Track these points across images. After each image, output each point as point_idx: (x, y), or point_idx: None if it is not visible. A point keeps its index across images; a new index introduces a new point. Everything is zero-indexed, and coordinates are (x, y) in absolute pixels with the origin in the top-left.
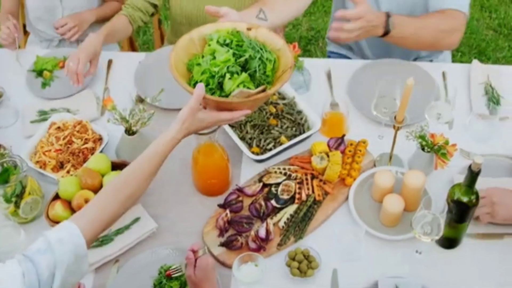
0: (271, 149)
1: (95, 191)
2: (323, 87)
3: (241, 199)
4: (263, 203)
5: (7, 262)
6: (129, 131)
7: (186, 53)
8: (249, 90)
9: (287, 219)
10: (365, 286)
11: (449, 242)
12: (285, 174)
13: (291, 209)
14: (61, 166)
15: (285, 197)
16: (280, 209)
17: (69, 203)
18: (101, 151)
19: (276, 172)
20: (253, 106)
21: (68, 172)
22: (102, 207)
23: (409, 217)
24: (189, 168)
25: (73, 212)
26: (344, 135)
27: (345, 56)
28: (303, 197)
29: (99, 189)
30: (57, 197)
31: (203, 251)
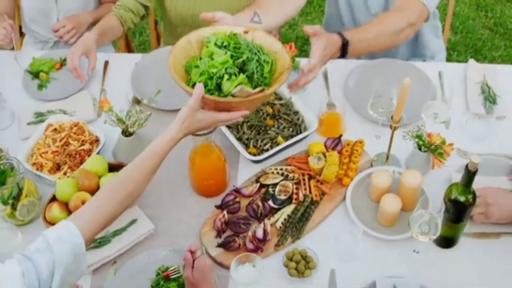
0: (268, 150)
1: (92, 192)
2: (320, 87)
3: (238, 200)
4: (260, 203)
5: (6, 262)
6: (126, 133)
7: (184, 55)
8: (249, 89)
9: (285, 220)
10: (363, 286)
11: (446, 241)
12: (282, 174)
13: (288, 209)
14: (58, 168)
15: (283, 197)
16: (277, 210)
17: (66, 205)
18: (98, 153)
19: (273, 172)
20: (251, 106)
21: (65, 174)
22: (100, 207)
23: (407, 216)
24: (186, 169)
25: (70, 214)
26: (341, 135)
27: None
28: (301, 198)
29: (96, 191)
30: (54, 199)
31: (201, 251)
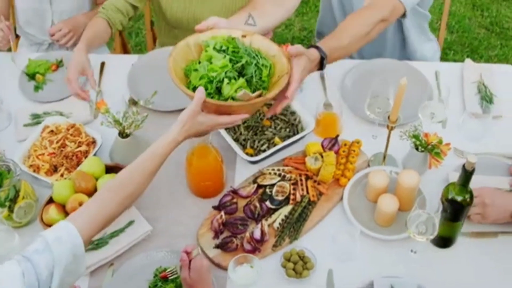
0: (265, 150)
1: (89, 194)
2: (317, 88)
3: (235, 200)
4: (257, 204)
5: (5, 263)
6: (123, 134)
7: (183, 59)
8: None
9: (282, 220)
10: (361, 286)
11: (444, 241)
12: (279, 175)
13: (285, 210)
14: (54, 169)
15: (280, 198)
16: (274, 210)
17: (63, 207)
18: (95, 154)
19: (270, 173)
20: (251, 110)
21: (62, 175)
22: (100, 207)
23: (404, 216)
24: (183, 170)
25: (67, 215)
26: (338, 136)
27: None
28: (298, 198)
29: (93, 193)
30: (51, 201)
31: (197, 251)
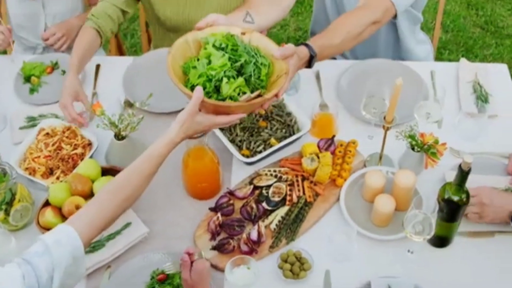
0: (261, 152)
1: (85, 197)
2: (312, 88)
3: (232, 202)
4: (254, 205)
5: (6, 265)
6: (119, 136)
7: (181, 56)
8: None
9: (279, 221)
10: (358, 286)
11: (440, 241)
12: (275, 176)
13: (282, 211)
14: (50, 172)
15: (276, 199)
16: (271, 211)
17: (60, 210)
18: (91, 157)
19: (266, 174)
20: (249, 110)
21: (58, 178)
22: (98, 210)
23: (401, 216)
24: (179, 172)
25: (64, 218)
26: (334, 136)
27: None
28: (294, 199)
29: (90, 195)
30: (47, 203)
31: (199, 254)
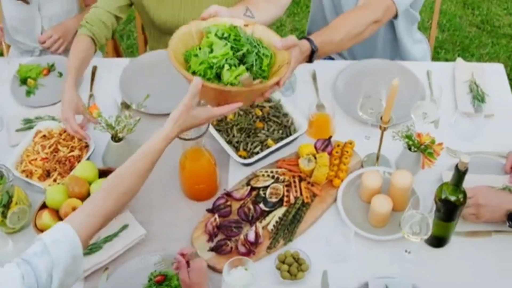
0: (258, 153)
1: (82, 199)
2: (309, 89)
3: (229, 203)
4: (251, 206)
5: (5, 265)
6: (116, 138)
7: (183, 44)
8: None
9: (276, 222)
10: (356, 286)
11: (437, 241)
12: (273, 177)
13: (279, 212)
14: (47, 174)
15: (274, 200)
16: (268, 212)
17: (57, 212)
18: (88, 159)
19: (263, 175)
20: (249, 97)
21: (55, 180)
22: (96, 206)
23: (398, 217)
24: (176, 173)
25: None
26: (330, 137)
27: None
28: (292, 200)
29: (87, 197)
30: (44, 206)
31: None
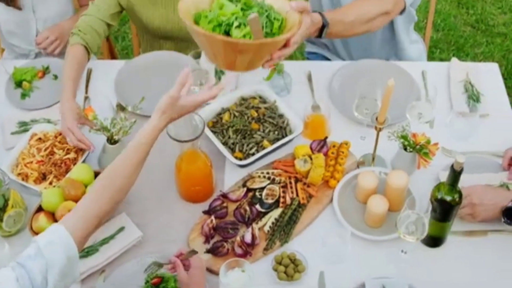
0: (254, 154)
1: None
2: (304, 90)
3: (225, 205)
4: (247, 208)
5: (0, 269)
6: (111, 140)
7: (194, 6)
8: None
9: (272, 223)
10: (352, 287)
11: (434, 241)
12: (268, 178)
13: (276, 213)
14: (43, 177)
15: (270, 201)
16: (265, 214)
17: (53, 215)
18: (84, 161)
19: (259, 176)
20: (257, 54)
21: (50, 183)
22: (89, 206)
23: (394, 217)
24: (172, 175)
25: None
26: (326, 137)
27: (322, 55)
28: (288, 201)
29: None
30: (40, 209)
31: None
